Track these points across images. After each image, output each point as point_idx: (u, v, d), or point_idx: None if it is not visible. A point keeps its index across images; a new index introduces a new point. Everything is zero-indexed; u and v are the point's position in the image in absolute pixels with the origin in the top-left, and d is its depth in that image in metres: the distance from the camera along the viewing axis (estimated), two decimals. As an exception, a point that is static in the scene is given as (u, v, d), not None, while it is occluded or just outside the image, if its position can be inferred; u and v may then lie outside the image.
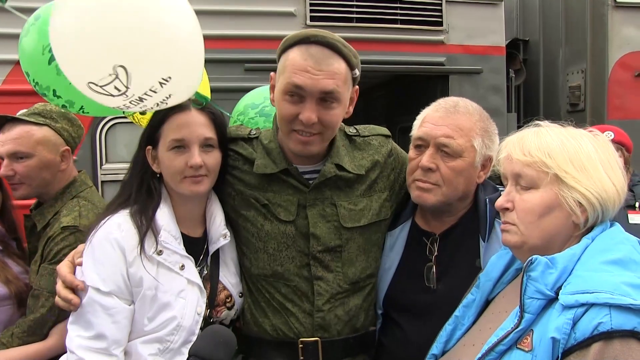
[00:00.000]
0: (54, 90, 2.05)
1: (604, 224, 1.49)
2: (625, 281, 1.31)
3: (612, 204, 1.47)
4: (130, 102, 1.68)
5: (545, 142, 1.50)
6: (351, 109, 2.00)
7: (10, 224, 2.65)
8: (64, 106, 2.14)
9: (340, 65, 1.85)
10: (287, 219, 1.98)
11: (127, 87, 1.61)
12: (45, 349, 2.19)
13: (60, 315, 2.18)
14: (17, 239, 2.67)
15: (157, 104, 1.74)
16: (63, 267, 1.88)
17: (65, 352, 1.85)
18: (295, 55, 1.85)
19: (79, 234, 2.24)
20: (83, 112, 2.19)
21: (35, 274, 2.30)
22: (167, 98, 1.72)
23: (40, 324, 2.21)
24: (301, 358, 1.97)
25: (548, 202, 1.47)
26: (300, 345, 1.97)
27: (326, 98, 1.84)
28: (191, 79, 1.78)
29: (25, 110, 2.55)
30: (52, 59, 1.91)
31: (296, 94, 1.84)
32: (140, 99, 1.67)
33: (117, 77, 1.58)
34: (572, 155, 1.47)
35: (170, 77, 1.65)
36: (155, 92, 1.66)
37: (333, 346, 1.99)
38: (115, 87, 1.61)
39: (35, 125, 2.46)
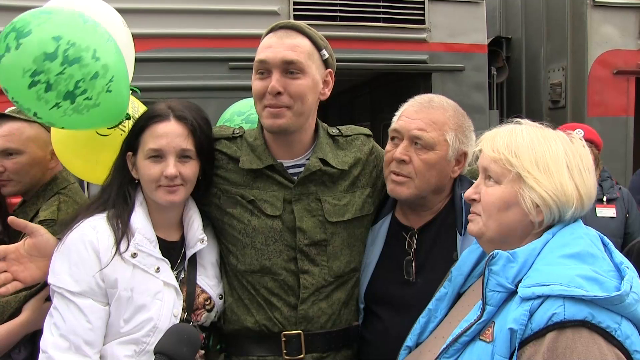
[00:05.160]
0: (35, 113, 1.89)
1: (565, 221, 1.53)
2: (579, 274, 1.36)
3: (572, 207, 1.49)
4: None
5: (514, 141, 1.54)
6: (327, 92, 2.07)
7: (6, 224, 2.59)
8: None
9: (302, 40, 1.96)
10: (273, 214, 2.02)
11: None
12: (16, 325, 2.12)
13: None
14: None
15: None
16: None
17: (40, 326, 1.84)
18: (264, 41, 1.98)
19: (57, 227, 2.19)
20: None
21: None
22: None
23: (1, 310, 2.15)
24: (284, 351, 2.00)
25: (507, 199, 1.52)
26: (284, 339, 2.00)
27: (290, 69, 1.91)
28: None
29: (14, 107, 2.49)
30: (33, 84, 1.78)
31: (263, 69, 1.94)
32: None
33: None
34: (537, 157, 1.51)
35: None
36: None
37: (316, 339, 2.03)
38: None
39: (25, 123, 2.45)
